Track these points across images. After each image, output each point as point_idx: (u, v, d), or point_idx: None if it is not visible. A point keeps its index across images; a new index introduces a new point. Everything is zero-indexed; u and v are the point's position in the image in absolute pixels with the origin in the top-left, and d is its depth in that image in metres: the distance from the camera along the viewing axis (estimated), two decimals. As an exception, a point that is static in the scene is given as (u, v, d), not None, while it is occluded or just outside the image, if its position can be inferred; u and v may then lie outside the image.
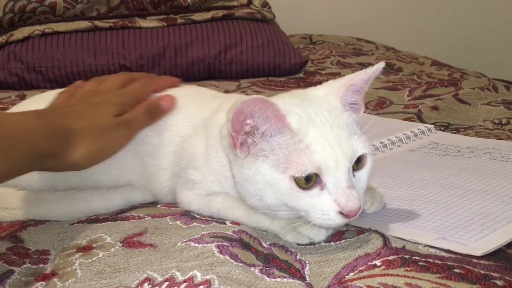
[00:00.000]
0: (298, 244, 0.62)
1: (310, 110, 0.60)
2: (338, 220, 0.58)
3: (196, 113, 0.72)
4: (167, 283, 0.53)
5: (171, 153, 0.71)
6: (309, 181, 0.58)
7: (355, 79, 0.62)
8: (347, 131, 0.60)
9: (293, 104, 0.61)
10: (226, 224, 0.65)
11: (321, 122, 0.59)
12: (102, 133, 0.67)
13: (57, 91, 0.86)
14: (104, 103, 0.70)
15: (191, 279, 0.53)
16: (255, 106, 0.57)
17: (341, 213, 0.58)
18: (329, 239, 0.62)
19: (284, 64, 1.58)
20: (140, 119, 0.71)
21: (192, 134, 0.70)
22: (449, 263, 0.55)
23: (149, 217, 0.68)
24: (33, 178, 0.71)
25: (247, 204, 0.62)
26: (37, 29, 1.51)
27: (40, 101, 0.84)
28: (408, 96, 1.32)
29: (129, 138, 0.71)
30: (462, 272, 0.54)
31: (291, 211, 0.60)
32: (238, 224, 0.65)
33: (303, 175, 0.57)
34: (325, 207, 0.58)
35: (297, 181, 0.58)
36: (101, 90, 0.75)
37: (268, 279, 0.54)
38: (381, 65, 0.63)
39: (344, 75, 0.67)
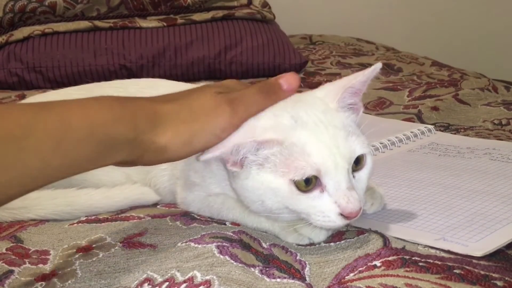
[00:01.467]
0: (298, 245, 0.62)
1: (302, 112, 0.60)
2: (339, 222, 0.58)
3: None
4: (167, 283, 0.53)
5: None
6: (309, 184, 0.57)
7: (353, 81, 0.62)
8: (344, 131, 0.59)
9: (279, 112, 0.60)
10: (226, 224, 0.65)
11: (314, 123, 0.59)
12: (196, 112, 0.55)
13: (57, 91, 0.86)
14: (204, 87, 0.60)
15: (191, 279, 0.53)
16: (231, 150, 0.57)
17: (341, 214, 0.58)
18: (329, 240, 0.62)
19: (284, 65, 1.58)
20: (250, 98, 0.58)
21: None
22: (449, 263, 0.55)
23: (149, 218, 0.68)
24: None
25: (250, 210, 0.62)
26: (37, 29, 1.51)
27: (40, 100, 0.84)
28: (408, 96, 1.32)
29: (234, 119, 0.57)
30: (462, 272, 0.53)
31: (292, 213, 0.60)
32: (238, 224, 0.65)
33: (303, 178, 0.57)
34: (325, 209, 0.58)
35: (297, 184, 0.57)
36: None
37: (268, 279, 0.54)
38: (378, 66, 0.62)
39: (344, 76, 0.67)
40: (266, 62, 1.57)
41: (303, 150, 0.57)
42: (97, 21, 1.56)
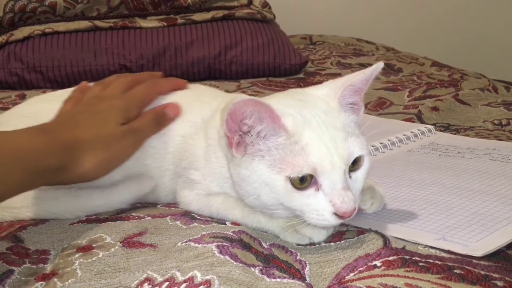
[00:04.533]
0: (298, 245, 0.62)
1: (306, 111, 0.60)
2: (333, 221, 0.58)
3: (198, 113, 0.72)
4: (167, 283, 0.53)
5: (172, 153, 0.72)
6: (303, 182, 0.58)
7: (353, 79, 0.62)
8: (343, 132, 0.60)
9: (288, 105, 0.61)
10: (226, 224, 0.65)
11: (317, 123, 0.59)
12: (109, 143, 0.66)
13: (58, 92, 0.86)
14: (110, 109, 0.69)
15: (191, 279, 0.53)
16: (248, 107, 0.57)
17: (335, 214, 0.58)
18: (329, 240, 0.62)
19: (284, 65, 1.58)
20: (147, 127, 0.71)
21: (193, 134, 0.71)
22: (449, 263, 0.55)
23: (149, 217, 0.68)
24: None
25: (245, 203, 0.63)
26: (37, 29, 1.51)
27: (40, 101, 0.84)
28: (408, 96, 1.32)
29: (137, 146, 0.70)
30: (462, 272, 0.53)
31: (287, 210, 0.60)
32: (238, 224, 0.65)
33: (299, 176, 0.57)
34: (320, 208, 0.58)
35: (292, 181, 0.58)
36: (106, 95, 0.73)
37: (268, 279, 0.54)
38: (379, 65, 0.63)
39: (344, 76, 0.67)
40: (266, 62, 1.57)
41: (304, 149, 0.58)
42: (97, 21, 1.56)
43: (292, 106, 0.61)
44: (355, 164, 0.60)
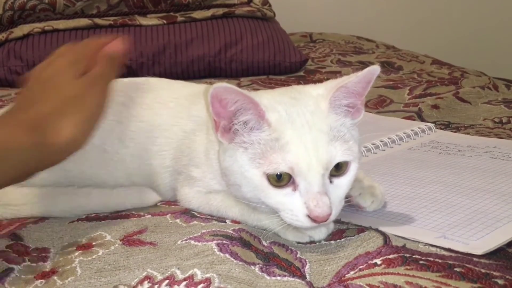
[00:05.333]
0: (298, 243, 0.61)
1: (294, 110, 0.60)
2: (306, 223, 0.58)
3: (203, 108, 0.72)
4: (167, 281, 0.53)
5: (174, 149, 0.71)
6: (280, 180, 0.58)
7: (346, 81, 0.61)
8: (328, 135, 0.59)
9: (279, 101, 0.61)
10: (226, 222, 0.65)
11: (302, 123, 0.59)
12: (78, 101, 0.60)
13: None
14: (58, 70, 0.62)
15: (191, 277, 0.53)
16: (229, 94, 0.58)
17: (309, 216, 0.58)
18: (330, 238, 0.62)
19: (284, 63, 1.58)
20: (106, 70, 0.64)
21: (196, 130, 0.70)
22: (449, 262, 0.55)
23: (149, 215, 0.68)
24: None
25: (229, 191, 0.63)
26: (37, 26, 1.51)
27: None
28: (408, 94, 1.32)
29: (104, 95, 0.63)
30: (463, 271, 0.53)
31: (266, 206, 0.60)
32: (238, 222, 0.65)
33: (275, 173, 0.58)
34: (294, 208, 0.58)
35: (269, 177, 0.58)
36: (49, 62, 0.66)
37: (268, 277, 0.54)
38: (376, 69, 0.61)
39: (344, 74, 0.67)
40: (266, 60, 1.57)
41: (283, 147, 0.58)
42: (97, 19, 1.56)
43: (283, 103, 0.61)
44: (338, 169, 0.60)
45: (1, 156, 0.53)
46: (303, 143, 0.58)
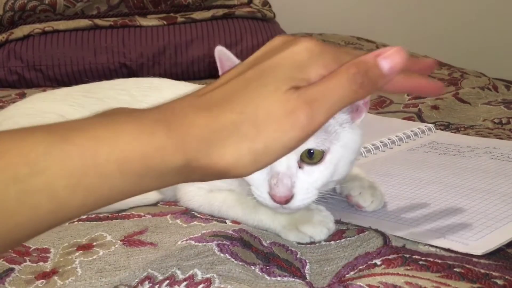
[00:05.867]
0: (299, 243, 0.62)
1: None
2: (268, 201, 0.59)
3: None
4: (168, 281, 0.53)
5: None
6: None
7: None
8: None
9: None
10: (226, 223, 0.65)
11: None
12: (262, 125, 0.42)
13: (59, 90, 0.86)
14: (276, 67, 0.43)
15: (191, 277, 0.53)
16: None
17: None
18: (330, 238, 0.62)
19: (284, 63, 1.58)
20: (336, 94, 0.42)
21: None
22: (449, 262, 0.55)
23: (150, 216, 0.68)
24: None
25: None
26: (37, 27, 1.51)
27: (43, 100, 0.84)
28: (408, 95, 1.32)
29: (311, 127, 0.42)
30: (463, 271, 0.53)
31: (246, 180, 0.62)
32: (239, 223, 0.65)
33: None
34: (260, 185, 0.60)
35: None
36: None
37: (268, 278, 0.54)
38: None
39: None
40: (266, 60, 1.57)
41: None
42: (97, 20, 1.56)
43: None
44: (311, 157, 0.59)
45: (139, 173, 0.40)
46: None
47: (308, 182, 0.60)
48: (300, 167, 0.59)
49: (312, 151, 0.59)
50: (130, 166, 0.40)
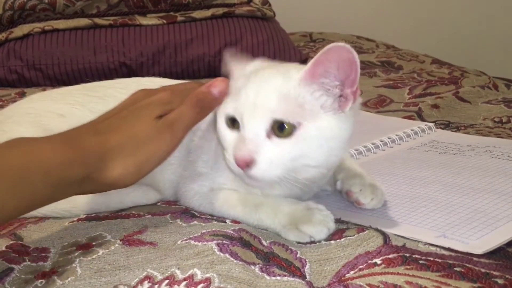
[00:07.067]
0: (299, 243, 0.61)
1: (265, 70, 0.64)
2: (233, 166, 0.61)
3: None
4: (167, 281, 0.53)
5: (180, 146, 0.71)
6: (233, 123, 0.62)
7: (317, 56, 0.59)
8: (281, 93, 0.60)
9: (262, 65, 0.67)
10: (226, 222, 0.65)
11: (262, 78, 0.62)
12: (139, 144, 0.58)
13: (60, 90, 0.86)
14: (147, 105, 0.61)
15: (191, 277, 0.53)
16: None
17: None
18: (330, 238, 0.62)
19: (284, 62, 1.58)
20: (186, 117, 0.61)
21: (202, 128, 0.71)
22: (449, 261, 0.55)
23: (149, 215, 0.68)
24: None
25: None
26: (36, 26, 1.51)
27: (43, 99, 0.84)
28: (408, 94, 1.32)
29: (174, 142, 0.61)
30: (463, 270, 0.53)
31: (222, 145, 0.65)
32: (238, 222, 0.65)
33: (227, 116, 0.62)
34: (229, 149, 0.62)
35: (225, 119, 0.63)
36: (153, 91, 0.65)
37: (268, 277, 0.54)
38: (340, 46, 0.58)
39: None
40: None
41: (236, 93, 0.62)
42: (96, 19, 1.56)
43: (263, 66, 0.66)
44: (281, 130, 0.60)
45: (55, 184, 0.53)
46: (252, 91, 0.60)
47: (273, 153, 0.60)
48: (268, 138, 0.60)
49: (284, 125, 0.60)
50: (50, 176, 0.52)
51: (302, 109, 0.60)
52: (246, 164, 0.59)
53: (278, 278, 0.53)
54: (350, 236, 0.61)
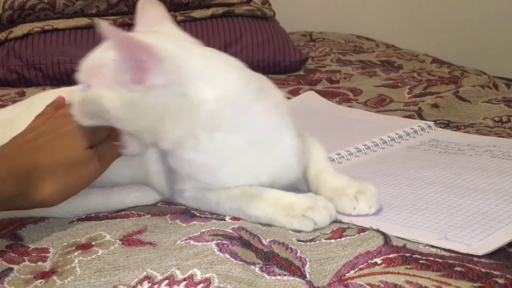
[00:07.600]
0: (299, 241, 0.61)
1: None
2: None
3: None
4: (167, 281, 0.53)
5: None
6: None
7: None
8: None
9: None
10: (225, 221, 0.65)
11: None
12: (70, 169, 0.64)
13: (57, 90, 0.86)
14: (75, 134, 0.66)
15: (190, 277, 0.53)
16: None
17: None
18: (330, 237, 0.62)
19: (284, 62, 1.58)
20: (113, 152, 0.67)
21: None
22: (450, 261, 0.55)
23: (149, 215, 0.68)
24: None
25: None
26: (36, 26, 1.51)
27: (39, 100, 0.84)
28: (408, 93, 1.32)
29: (101, 171, 0.67)
30: (463, 270, 0.53)
31: None
32: (238, 219, 0.65)
33: None
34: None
35: None
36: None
37: (268, 277, 0.53)
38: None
39: (344, 73, 0.67)
40: (266, 59, 1.57)
41: None
42: (96, 18, 1.56)
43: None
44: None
45: None
46: None
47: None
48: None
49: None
50: None
51: (91, 67, 0.71)
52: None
53: (278, 277, 0.53)
54: (351, 235, 0.61)
